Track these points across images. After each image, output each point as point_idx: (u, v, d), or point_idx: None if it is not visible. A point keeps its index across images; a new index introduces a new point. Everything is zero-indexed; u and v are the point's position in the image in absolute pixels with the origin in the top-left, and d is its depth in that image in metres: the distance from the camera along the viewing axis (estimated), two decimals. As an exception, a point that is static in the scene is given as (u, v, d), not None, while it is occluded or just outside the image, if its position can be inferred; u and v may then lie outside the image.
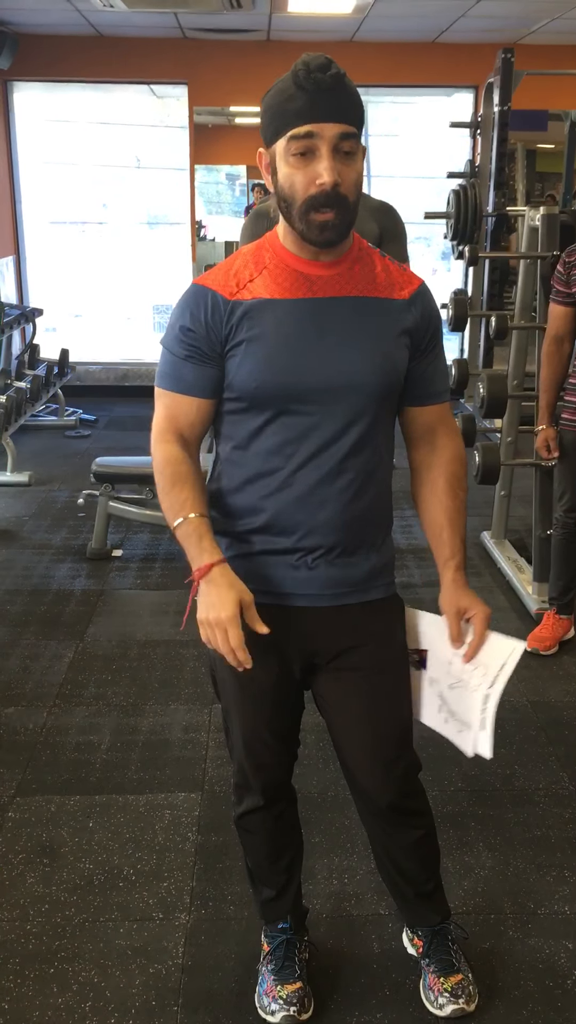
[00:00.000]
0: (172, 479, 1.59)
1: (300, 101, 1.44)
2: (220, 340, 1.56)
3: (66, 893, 2.25)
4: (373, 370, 1.58)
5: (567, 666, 3.37)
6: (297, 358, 1.54)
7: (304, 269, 1.57)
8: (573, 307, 3.23)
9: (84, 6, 6.27)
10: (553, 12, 6.45)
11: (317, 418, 1.57)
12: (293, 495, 1.60)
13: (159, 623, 3.72)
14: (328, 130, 1.44)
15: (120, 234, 8.41)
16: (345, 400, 1.57)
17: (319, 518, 1.62)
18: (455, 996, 1.89)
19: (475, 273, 6.97)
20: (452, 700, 1.74)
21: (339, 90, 1.45)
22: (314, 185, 1.46)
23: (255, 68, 7.53)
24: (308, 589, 1.65)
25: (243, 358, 1.55)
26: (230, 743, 1.84)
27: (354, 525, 1.65)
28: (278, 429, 1.58)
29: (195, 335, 1.56)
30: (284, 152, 1.48)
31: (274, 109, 1.48)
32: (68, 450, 6.42)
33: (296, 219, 1.51)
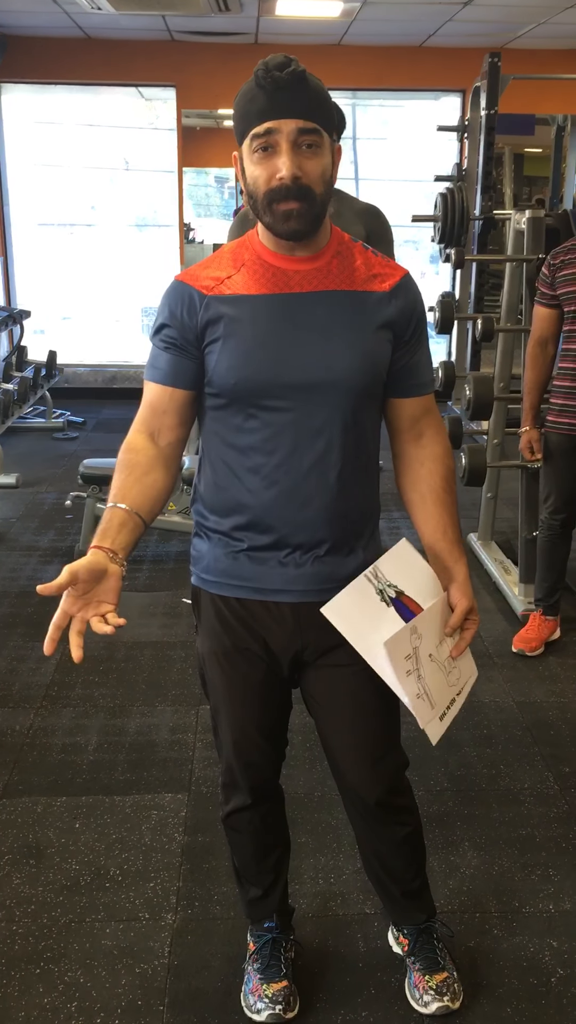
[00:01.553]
0: (121, 465, 1.61)
1: (260, 100, 1.47)
2: (196, 335, 1.57)
3: (52, 894, 2.25)
4: (353, 365, 1.58)
5: (552, 667, 3.39)
6: (274, 353, 1.55)
7: (281, 264, 1.58)
8: (558, 309, 3.25)
9: (72, 8, 6.28)
10: (539, 17, 6.50)
11: (297, 414, 1.57)
12: (277, 492, 1.61)
13: (146, 625, 3.72)
14: (286, 126, 1.47)
15: (108, 236, 8.41)
16: (325, 395, 1.57)
17: (304, 514, 1.62)
18: (440, 994, 1.90)
19: (462, 276, 7.00)
20: (426, 667, 1.67)
21: (298, 87, 1.47)
22: (274, 179, 1.48)
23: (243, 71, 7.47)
24: (295, 585, 1.65)
25: (220, 354, 1.56)
26: (218, 742, 1.84)
27: (340, 521, 1.65)
28: (259, 425, 1.59)
29: (173, 329, 1.59)
30: (248, 151, 1.51)
31: (240, 111, 1.51)
32: (56, 452, 6.41)
33: (262, 213, 1.52)
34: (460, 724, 2.99)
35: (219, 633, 1.72)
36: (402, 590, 1.66)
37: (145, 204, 8.39)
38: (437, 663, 1.70)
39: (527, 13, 6.41)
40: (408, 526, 4.70)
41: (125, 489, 1.58)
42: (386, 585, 1.65)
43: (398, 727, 1.83)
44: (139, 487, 1.58)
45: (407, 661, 1.63)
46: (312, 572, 1.65)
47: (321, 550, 1.65)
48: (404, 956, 2.00)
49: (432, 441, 1.73)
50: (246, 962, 1.98)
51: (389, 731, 1.81)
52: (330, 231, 1.62)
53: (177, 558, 4.44)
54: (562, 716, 3.06)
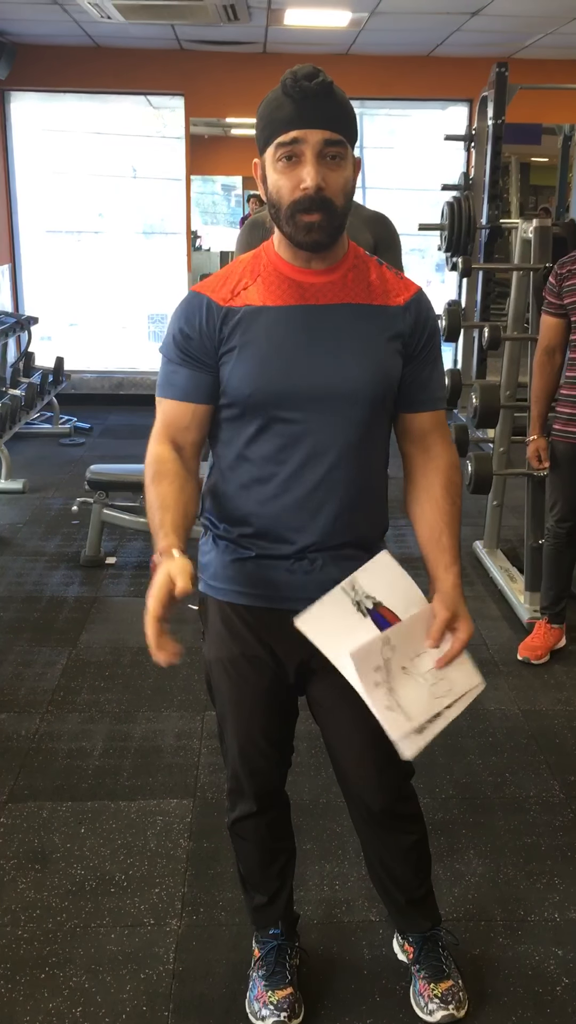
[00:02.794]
0: (153, 476, 1.60)
1: (287, 109, 1.47)
2: (214, 346, 1.58)
3: (57, 899, 2.25)
4: (365, 377, 1.59)
5: (558, 675, 3.39)
6: (289, 365, 1.56)
7: (297, 276, 1.59)
8: (565, 319, 3.25)
9: (82, 17, 6.31)
10: (547, 27, 6.51)
11: (310, 424, 1.59)
12: (288, 501, 1.62)
13: (152, 631, 3.72)
14: (312, 136, 1.47)
15: (116, 243, 8.44)
16: (337, 406, 1.59)
17: (314, 523, 1.63)
18: (445, 1002, 1.90)
19: (468, 284, 7.01)
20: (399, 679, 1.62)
21: (325, 98, 1.48)
22: (298, 189, 1.49)
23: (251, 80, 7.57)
24: (304, 593, 1.64)
25: (235, 364, 1.57)
26: (224, 748, 1.84)
27: (349, 530, 1.66)
28: (272, 436, 1.60)
29: (190, 341, 1.58)
30: (272, 159, 1.51)
31: (265, 119, 1.51)
32: (63, 458, 6.42)
33: (284, 223, 1.53)
34: (465, 732, 2.98)
35: (226, 640, 1.73)
36: (380, 601, 1.62)
37: (152, 212, 8.42)
38: (414, 675, 1.64)
39: (535, 23, 6.43)
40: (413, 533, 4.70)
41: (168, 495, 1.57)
42: (363, 596, 1.62)
43: None
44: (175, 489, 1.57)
45: (376, 673, 1.59)
46: (320, 580, 1.65)
47: (329, 558, 1.66)
48: (409, 964, 1.99)
49: (438, 454, 1.73)
50: (251, 968, 1.98)
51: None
52: (347, 244, 1.63)
53: (183, 564, 4.44)
54: (568, 724, 3.06)
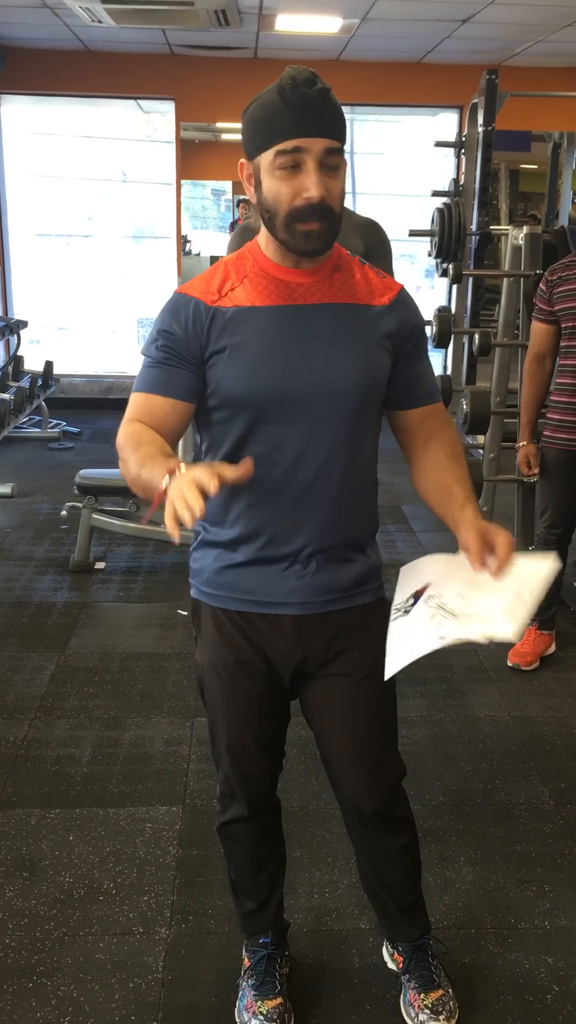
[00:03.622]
0: (128, 441, 1.53)
1: (287, 115, 1.45)
2: (200, 347, 1.56)
3: (46, 907, 2.24)
4: (355, 376, 1.59)
5: (548, 682, 3.39)
6: (280, 365, 1.55)
7: (284, 277, 1.58)
8: (555, 325, 3.26)
9: (73, 21, 6.31)
10: (537, 35, 6.55)
11: (301, 425, 1.58)
12: (280, 503, 1.61)
13: (141, 636, 3.71)
14: (315, 145, 1.45)
15: (105, 247, 8.43)
16: (328, 406, 1.58)
17: (305, 525, 1.63)
18: (436, 1013, 1.88)
19: (459, 291, 7.03)
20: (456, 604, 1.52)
21: (325, 105, 1.47)
22: (300, 198, 1.47)
23: (242, 85, 7.57)
24: (297, 597, 1.65)
25: (226, 366, 1.55)
26: (215, 753, 1.84)
27: (340, 532, 1.66)
28: (262, 437, 1.58)
29: (173, 339, 1.56)
30: (270, 165, 1.48)
31: (259, 122, 1.48)
32: (51, 462, 6.40)
33: (280, 230, 1.51)
34: (455, 739, 2.98)
35: (219, 646, 1.72)
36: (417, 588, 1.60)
37: (142, 216, 8.41)
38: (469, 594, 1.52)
39: (525, 31, 6.46)
40: (403, 539, 4.70)
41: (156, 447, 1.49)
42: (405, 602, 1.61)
43: (396, 736, 1.83)
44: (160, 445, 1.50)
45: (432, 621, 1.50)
46: (314, 583, 1.66)
47: (321, 560, 1.66)
48: (399, 973, 1.98)
49: (440, 433, 1.72)
50: (241, 978, 1.97)
51: (387, 740, 1.80)
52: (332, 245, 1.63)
53: (172, 569, 4.43)
54: (557, 731, 3.06)
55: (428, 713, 3.13)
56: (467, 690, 3.28)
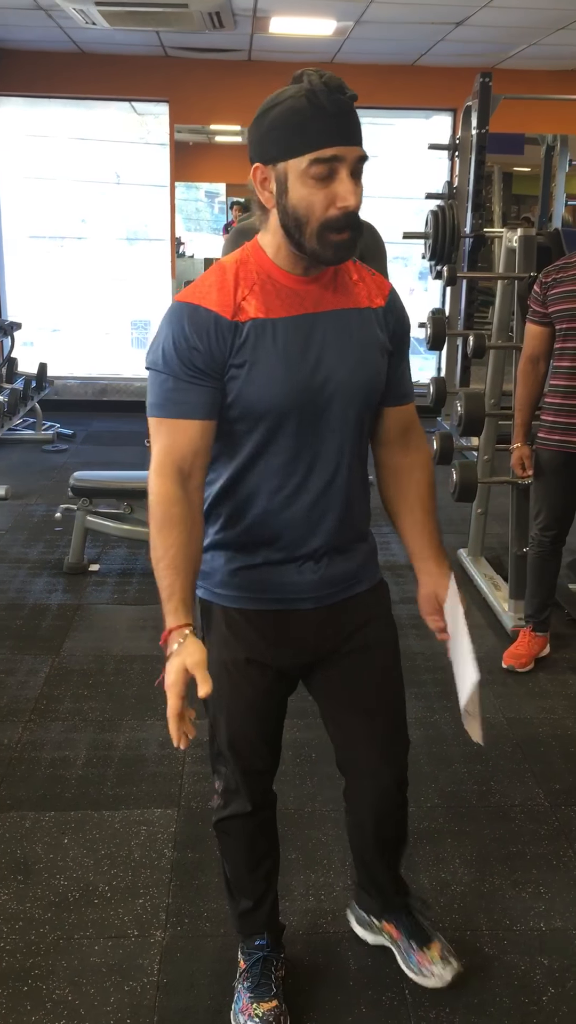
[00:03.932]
0: (162, 521, 1.53)
1: (323, 123, 1.42)
2: (222, 361, 1.52)
3: (40, 910, 2.23)
4: (365, 380, 1.62)
5: (543, 683, 3.39)
6: (299, 376, 1.55)
7: (293, 285, 1.57)
8: (549, 327, 3.27)
9: (67, 23, 6.31)
10: (530, 38, 6.57)
11: (319, 432, 1.60)
12: (297, 508, 1.64)
13: (136, 638, 3.71)
14: (351, 153, 1.45)
15: (99, 249, 8.42)
16: (344, 411, 1.61)
17: (321, 526, 1.67)
18: (445, 961, 1.99)
19: (452, 293, 7.03)
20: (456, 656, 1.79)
21: (353, 112, 1.47)
22: (334, 207, 1.46)
23: (236, 87, 7.59)
24: (312, 591, 1.70)
25: (248, 378, 1.53)
26: (214, 750, 1.84)
27: (348, 528, 1.71)
28: (281, 447, 1.59)
29: (198, 356, 1.52)
30: (302, 173, 1.45)
31: (290, 128, 1.44)
32: (45, 464, 6.40)
33: (309, 239, 1.49)
34: (450, 740, 2.98)
35: (231, 644, 1.73)
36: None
37: (136, 218, 8.41)
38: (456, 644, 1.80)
39: (518, 34, 6.48)
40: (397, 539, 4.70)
41: (177, 548, 1.52)
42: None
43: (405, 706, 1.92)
44: (183, 540, 1.53)
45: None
46: (327, 576, 1.71)
47: (332, 555, 1.71)
48: (394, 941, 2.06)
49: (418, 450, 1.80)
50: (236, 980, 1.96)
51: (401, 709, 1.89)
52: None
53: (167, 572, 4.42)
54: (552, 732, 3.06)
55: (423, 715, 3.13)
56: (462, 692, 3.28)
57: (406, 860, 2.40)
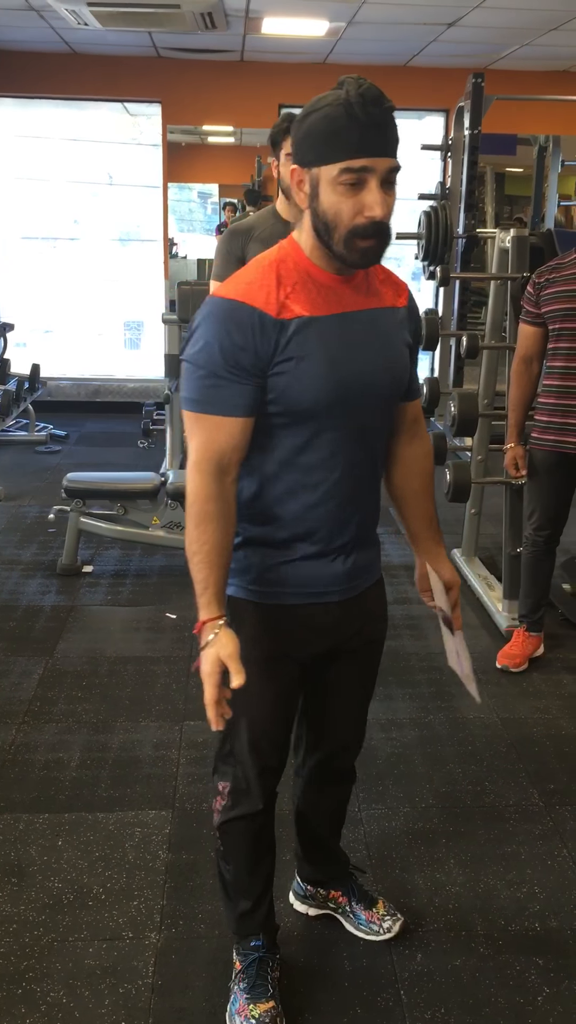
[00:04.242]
0: (199, 517, 1.58)
1: (356, 134, 1.45)
2: (267, 358, 1.54)
3: (34, 912, 2.22)
4: (394, 377, 1.69)
5: (537, 683, 3.40)
6: (342, 373, 1.59)
7: (331, 284, 1.61)
8: (542, 328, 3.27)
9: (58, 23, 6.30)
10: (522, 39, 6.58)
11: (356, 429, 1.65)
12: (335, 502, 1.68)
13: (130, 639, 3.70)
14: (381, 164, 1.48)
15: (92, 250, 8.41)
16: (378, 409, 1.68)
17: (353, 519, 1.73)
18: (392, 916, 2.15)
19: (446, 293, 7.04)
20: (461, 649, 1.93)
21: (391, 124, 1.49)
22: (361, 216, 1.50)
23: (229, 88, 7.59)
24: (340, 584, 1.75)
25: (294, 376, 1.55)
26: (225, 750, 1.83)
27: (371, 518, 1.80)
28: (322, 443, 1.63)
29: (243, 354, 1.53)
30: (332, 180, 1.49)
31: (324, 135, 1.48)
32: (39, 465, 6.38)
33: (336, 243, 1.53)
34: (445, 741, 2.98)
35: (262, 641, 1.74)
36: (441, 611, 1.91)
37: (129, 219, 8.40)
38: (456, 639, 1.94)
39: (510, 35, 6.49)
40: (391, 540, 4.70)
41: (212, 542, 1.58)
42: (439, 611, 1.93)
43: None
44: (219, 535, 1.59)
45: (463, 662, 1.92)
46: (352, 569, 1.76)
47: (358, 547, 1.77)
48: (339, 907, 2.18)
49: (422, 440, 1.88)
50: (232, 981, 1.96)
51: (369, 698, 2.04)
52: None
53: (160, 572, 4.42)
54: (546, 732, 3.06)
55: (417, 715, 3.13)
56: (456, 692, 3.28)
57: (400, 860, 2.42)
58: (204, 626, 1.57)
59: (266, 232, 3.05)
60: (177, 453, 6.23)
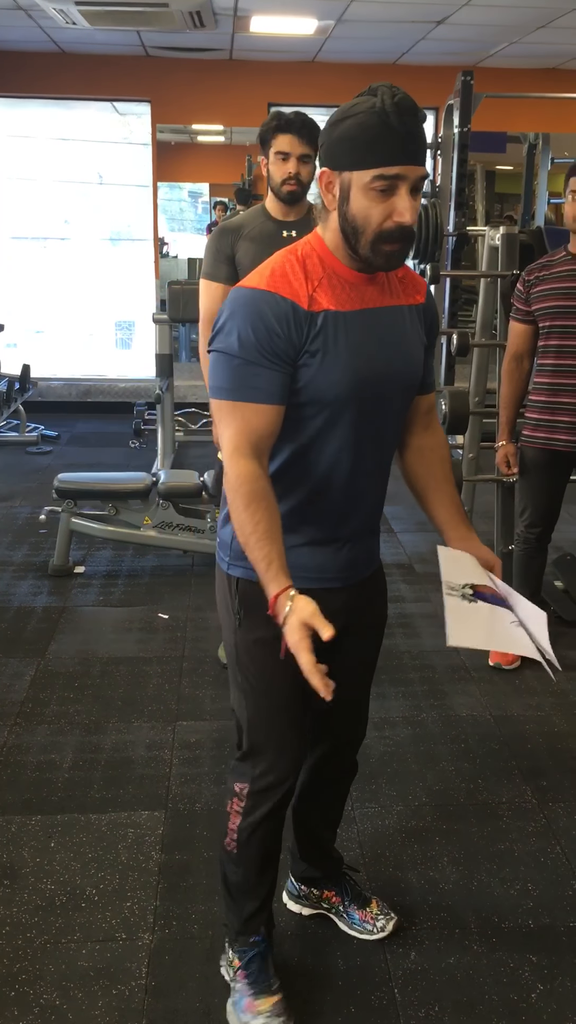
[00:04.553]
0: (249, 497, 1.58)
1: (391, 142, 1.50)
2: (297, 348, 1.59)
3: (27, 914, 2.22)
4: (413, 372, 1.74)
5: (529, 681, 3.40)
6: (366, 365, 1.63)
7: (355, 281, 1.65)
8: (533, 325, 3.27)
9: (47, 23, 6.28)
10: (511, 36, 6.58)
11: (374, 420, 1.69)
12: (347, 492, 1.73)
13: (122, 640, 3.69)
14: (413, 172, 1.53)
15: (82, 250, 8.40)
16: (395, 401, 1.73)
17: (361, 509, 1.78)
18: (386, 916, 2.15)
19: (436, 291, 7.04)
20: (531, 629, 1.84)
21: (421, 134, 1.53)
22: (391, 220, 1.54)
23: (218, 87, 7.58)
24: (344, 571, 1.80)
25: (321, 367, 1.60)
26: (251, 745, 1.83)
27: (378, 508, 1.85)
28: (340, 433, 1.66)
29: (277, 342, 1.57)
30: (365, 185, 1.53)
31: (356, 141, 1.51)
32: (30, 466, 6.37)
33: (363, 246, 1.57)
34: (438, 739, 2.98)
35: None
36: (471, 583, 1.85)
37: (119, 218, 8.39)
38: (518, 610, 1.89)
39: (499, 33, 6.50)
40: (384, 539, 4.70)
41: (269, 520, 1.59)
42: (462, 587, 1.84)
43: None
44: (271, 514, 1.60)
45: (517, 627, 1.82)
46: (356, 557, 1.82)
47: (362, 537, 1.82)
48: (333, 906, 2.18)
49: (437, 431, 1.95)
50: (232, 981, 1.96)
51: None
52: None
53: (152, 573, 4.41)
54: (539, 730, 3.07)
55: (410, 713, 3.13)
56: (449, 690, 3.28)
57: (393, 858, 2.42)
58: (277, 600, 1.55)
59: (255, 230, 3.05)
60: (168, 453, 6.22)
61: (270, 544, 1.58)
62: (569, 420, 3.21)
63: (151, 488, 4.41)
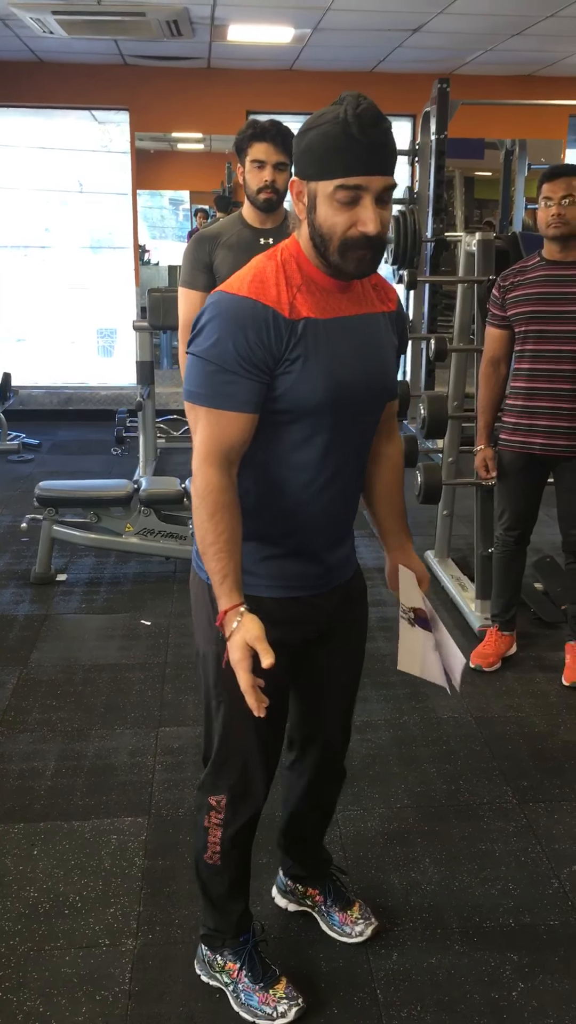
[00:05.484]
0: (213, 508, 1.60)
1: (351, 154, 1.49)
2: (276, 357, 1.58)
3: (10, 922, 2.22)
4: (387, 379, 1.75)
5: (510, 682, 3.42)
6: (345, 375, 1.64)
7: (331, 288, 1.65)
8: (509, 330, 3.30)
9: (24, 32, 6.28)
10: (486, 44, 6.63)
11: (349, 428, 1.70)
12: (324, 500, 1.73)
13: (104, 647, 3.69)
14: (375, 183, 1.52)
15: (63, 258, 8.39)
16: (371, 409, 1.75)
17: (338, 516, 1.80)
18: (366, 920, 2.16)
19: (415, 297, 7.08)
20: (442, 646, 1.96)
21: (386, 143, 1.53)
22: (355, 229, 1.54)
23: (196, 95, 7.60)
24: (326, 578, 1.82)
25: (300, 375, 1.60)
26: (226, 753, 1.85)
27: (353, 515, 1.87)
28: (319, 442, 1.67)
29: (256, 351, 1.57)
30: (328, 195, 1.53)
31: (320, 152, 1.51)
32: (11, 474, 6.36)
33: (331, 254, 1.58)
34: (419, 740, 3.00)
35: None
36: (412, 606, 1.94)
37: (100, 226, 8.39)
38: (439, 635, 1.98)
39: (474, 40, 6.55)
40: (365, 543, 4.72)
41: (228, 534, 1.60)
42: (409, 611, 1.95)
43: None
44: (233, 525, 1.62)
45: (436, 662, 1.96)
46: (338, 562, 1.84)
47: (341, 543, 1.84)
48: (316, 906, 2.21)
49: (397, 440, 1.97)
50: (232, 982, 1.98)
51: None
52: None
53: (135, 580, 4.42)
54: (519, 730, 3.09)
55: (392, 716, 3.15)
56: (430, 692, 3.30)
57: (375, 860, 2.43)
58: (226, 615, 1.58)
59: (233, 238, 3.07)
60: (150, 460, 6.22)
61: (228, 558, 1.60)
62: (546, 424, 3.24)
63: (133, 495, 4.41)
